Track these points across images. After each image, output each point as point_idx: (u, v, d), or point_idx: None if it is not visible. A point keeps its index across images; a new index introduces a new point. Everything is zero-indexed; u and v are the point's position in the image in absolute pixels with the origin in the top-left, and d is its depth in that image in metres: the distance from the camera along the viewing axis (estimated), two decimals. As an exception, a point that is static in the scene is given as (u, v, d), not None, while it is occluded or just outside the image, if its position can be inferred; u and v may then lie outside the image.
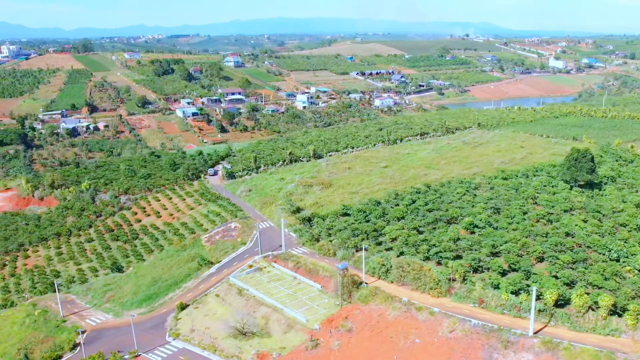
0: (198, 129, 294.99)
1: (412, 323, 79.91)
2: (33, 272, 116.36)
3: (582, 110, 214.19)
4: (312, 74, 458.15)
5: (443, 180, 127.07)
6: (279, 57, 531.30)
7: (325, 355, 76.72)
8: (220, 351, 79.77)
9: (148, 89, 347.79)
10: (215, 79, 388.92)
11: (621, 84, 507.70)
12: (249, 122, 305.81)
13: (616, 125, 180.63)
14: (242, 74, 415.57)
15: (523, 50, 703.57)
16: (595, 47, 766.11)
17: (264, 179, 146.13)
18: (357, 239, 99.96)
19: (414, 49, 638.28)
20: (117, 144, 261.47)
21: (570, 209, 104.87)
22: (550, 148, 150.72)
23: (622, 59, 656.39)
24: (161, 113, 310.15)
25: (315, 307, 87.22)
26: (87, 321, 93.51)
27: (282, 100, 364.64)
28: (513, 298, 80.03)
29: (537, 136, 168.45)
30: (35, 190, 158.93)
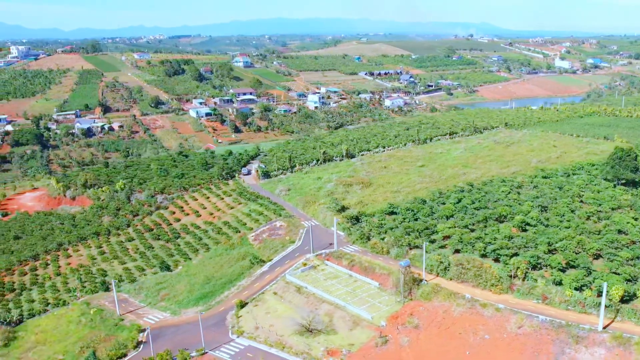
0: (212, 129, 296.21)
1: (478, 319, 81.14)
2: (79, 271, 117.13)
3: (607, 110, 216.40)
4: (321, 74, 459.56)
5: (483, 179, 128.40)
6: (287, 57, 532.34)
7: (396, 352, 77.88)
8: (289, 348, 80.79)
9: (160, 89, 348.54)
10: (225, 79, 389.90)
11: (628, 84, 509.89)
12: (262, 123, 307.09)
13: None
14: (251, 74, 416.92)
15: (528, 51, 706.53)
16: (599, 47, 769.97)
17: (300, 178, 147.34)
18: (411, 237, 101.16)
19: (420, 49, 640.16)
20: (132, 144, 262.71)
21: (617, 207, 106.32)
22: (583, 147, 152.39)
23: (627, 59, 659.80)
24: (174, 113, 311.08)
25: (377, 304, 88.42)
26: (145, 319, 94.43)
27: (293, 100, 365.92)
28: (577, 294, 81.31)
29: (566, 135, 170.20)
30: (67, 190, 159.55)
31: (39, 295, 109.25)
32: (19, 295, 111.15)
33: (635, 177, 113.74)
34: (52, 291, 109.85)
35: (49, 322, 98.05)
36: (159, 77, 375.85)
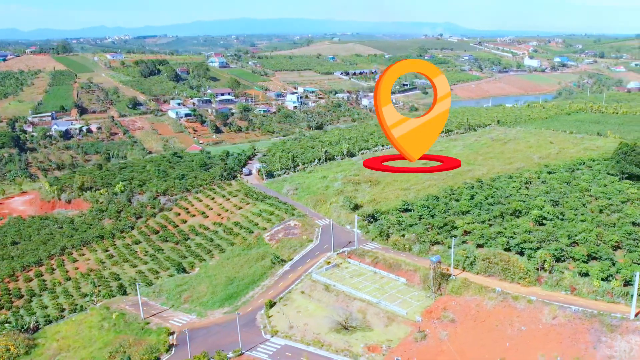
0: (192, 130, 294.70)
1: (512, 312, 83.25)
2: (90, 275, 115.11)
3: (592, 107, 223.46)
4: (297, 74, 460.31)
5: (489, 175, 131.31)
6: (261, 57, 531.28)
7: (437, 346, 79.35)
8: (328, 346, 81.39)
9: (136, 90, 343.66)
10: (202, 80, 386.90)
11: (595, 82, 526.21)
12: (243, 123, 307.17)
13: (632, 121, 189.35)
14: (228, 75, 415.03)
15: (497, 50, 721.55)
16: (565, 46, 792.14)
17: (305, 178, 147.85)
18: (432, 233, 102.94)
19: (392, 48, 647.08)
20: (112, 146, 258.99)
21: (627, 200, 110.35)
22: (579, 144, 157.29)
23: (592, 57, 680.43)
24: (153, 114, 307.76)
25: (408, 300, 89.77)
26: (172, 322, 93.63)
27: (271, 100, 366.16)
28: (604, 284, 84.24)
29: (560, 132, 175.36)
30: (61, 194, 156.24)
31: (51, 301, 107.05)
32: (29, 302, 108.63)
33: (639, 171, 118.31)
34: (65, 296, 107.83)
35: (69, 328, 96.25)
36: (135, 77, 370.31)
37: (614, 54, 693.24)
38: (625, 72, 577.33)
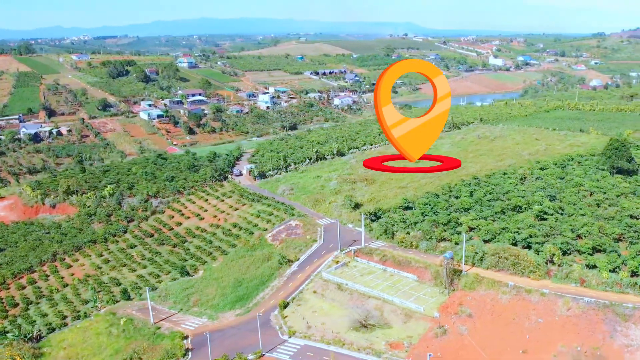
0: (165, 131, 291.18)
1: (527, 305, 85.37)
2: (88, 281, 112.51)
3: (570, 104, 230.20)
4: (267, 74, 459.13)
5: (483, 172, 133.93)
6: (230, 57, 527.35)
7: (458, 340, 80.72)
8: (350, 344, 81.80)
9: (105, 92, 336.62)
10: (172, 81, 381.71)
11: (558, 80, 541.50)
12: (216, 124, 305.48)
13: (609, 118, 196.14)
14: (198, 75, 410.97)
15: (462, 49, 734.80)
16: (527, 45, 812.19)
17: (298, 178, 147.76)
18: (439, 230, 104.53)
19: (359, 48, 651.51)
20: (84, 149, 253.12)
21: (621, 194, 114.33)
22: (564, 140, 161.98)
23: (553, 56, 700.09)
24: (124, 116, 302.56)
25: (422, 296, 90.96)
26: (184, 326, 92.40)
27: (243, 100, 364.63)
28: (613, 276, 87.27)
29: (543, 129, 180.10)
30: (45, 198, 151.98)
31: (50, 308, 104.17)
32: (26, 310, 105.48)
33: (630, 166, 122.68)
34: (65, 303, 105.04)
35: (74, 336, 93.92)
36: (103, 79, 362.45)
37: (574, 53, 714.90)
38: (586, 70, 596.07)
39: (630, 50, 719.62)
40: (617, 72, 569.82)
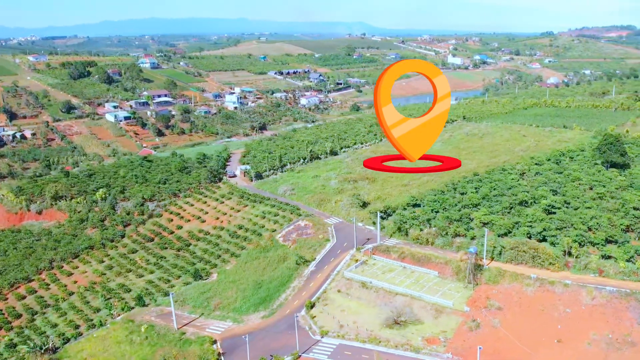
0: (134, 133, 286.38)
1: (552, 296, 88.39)
2: (94, 288, 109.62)
3: (546, 102, 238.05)
4: (231, 74, 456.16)
5: (481, 169, 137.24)
6: (192, 57, 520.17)
7: (492, 333, 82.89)
8: (386, 341, 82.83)
9: (67, 94, 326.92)
10: (136, 82, 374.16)
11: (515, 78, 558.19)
12: (185, 125, 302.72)
13: (587, 114, 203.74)
14: (161, 76, 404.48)
15: (420, 48, 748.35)
16: (482, 44, 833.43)
17: (297, 178, 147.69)
18: (455, 226, 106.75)
19: (320, 48, 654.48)
20: (51, 153, 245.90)
21: (619, 187, 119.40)
22: (551, 136, 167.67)
23: (509, 55, 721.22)
24: (90, 118, 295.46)
25: (447, 291, 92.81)
26: (209, 330, 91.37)
27: (210, 101, 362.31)
28: (630, 265, 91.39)
29: (527, 126, 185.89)
30: (30, 204, 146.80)
31: (59, 318, 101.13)
32: (32, 321, 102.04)
33: (624, 160, 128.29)
34: (75, 312, 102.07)
35: (93, 346, 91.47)
36: (64, 80, 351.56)
37: (528, 52, 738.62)
38: (541, 69, 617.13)
39: (580, 48, 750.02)
40: (570, 70, 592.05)
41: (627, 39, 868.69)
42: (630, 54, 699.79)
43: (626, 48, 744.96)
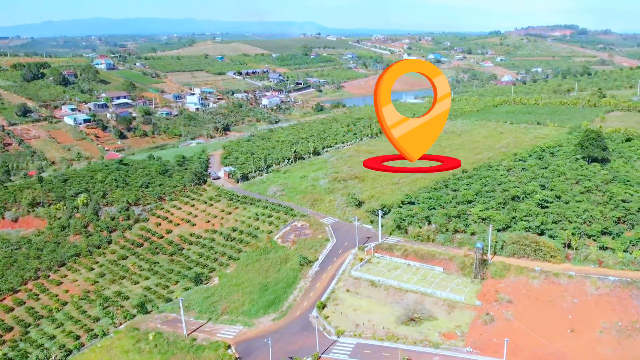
0: (95, 136, 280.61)
1: (558, 288, 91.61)
2: (89, 297, 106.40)
3: (515, 99, 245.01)
4: (189, 75, 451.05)
5: (467, 166, 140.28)
6: (148, 58, 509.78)
7: (507, 326, 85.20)
8: (404, 338, 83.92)
9: (22, 96, 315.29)
10: (93, 83, 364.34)
11: (470, 76, 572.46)
12: (147, 127, 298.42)
13: (557, 111, 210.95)
14: (118, 77, 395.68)
15: (375, 48, 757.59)
16: (435, 43, 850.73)
17: (284, 178, 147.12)
18: (454, 222, 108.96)
19: (277, 48, 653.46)
20: (9, 158, 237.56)
21: (604, 181, 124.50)
22: (528, 133, 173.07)
23: (461, 54, 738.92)
24: (48, 122, 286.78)
25: (455, 287, 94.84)
26: (221, 335, 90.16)
27: (170, 102, 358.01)
28: (627, 255, 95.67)
29: (501, 123, 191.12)
30: (5, 212, 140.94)
31: (56, 329, 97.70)
32: (26, 334, 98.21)
33: (605, 155, 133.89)
34: (73, 322, 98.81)
35: (98, 356, 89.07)
36: (17, 82, 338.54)
37: (480, 50, 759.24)
38: (494, 67, 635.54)
39: (530, 47, 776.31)
40: (522, 68, 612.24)
41: (571, 38, 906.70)
42: (577, 52, 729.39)
43: (572, 47, 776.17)
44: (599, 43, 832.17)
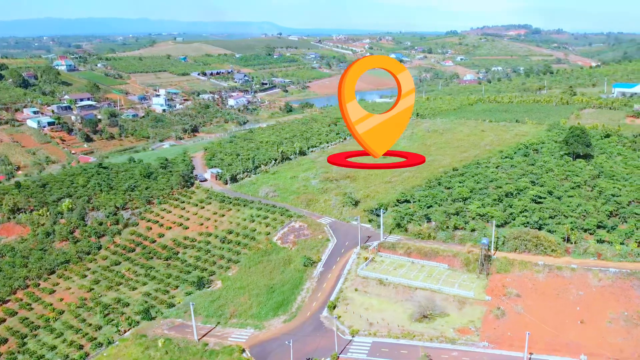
0: (60, 139, 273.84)
1: (562, 281, 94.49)
2: (86, 304, 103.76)
3: (489, 98, 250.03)
4: (153, 76, 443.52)
5: (456, 164, 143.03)
6: (109, 59, 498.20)
7: (519, 319, 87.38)
8: (420, 335, 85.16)
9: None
10: (55, 85, 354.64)
11: (432, 75, 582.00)
12: (113, 129, 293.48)
13: (532, 109, 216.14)
14: (80, 79, 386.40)
15: (337, 47, 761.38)
16: (396, 43, 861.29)
17: (273, 179, 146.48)
18: (454, 219, 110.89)
19: (239, 48, 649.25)
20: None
21: (591, 176, 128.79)
22: (508, 131, 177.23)
23: (422, 53, 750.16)
24: (9, 125, 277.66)
25: (462, 283, 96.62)
26: (232, 339, 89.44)
27: (136, 104, 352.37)
28: (624, 247, 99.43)
29: (480, 121, 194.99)
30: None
31: (56, 339, 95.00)
32: (23, 345, 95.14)
33: (589, 151, 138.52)
34: (74, 332, 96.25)
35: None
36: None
37: (440, 50, 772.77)
38: (454, 66, 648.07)
39: (488, 47, 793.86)
40: (482, 67, 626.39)
41: (525, 37, 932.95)
42: (533, 51, 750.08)
43: (528, 46, 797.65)
44: (552, 42, 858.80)
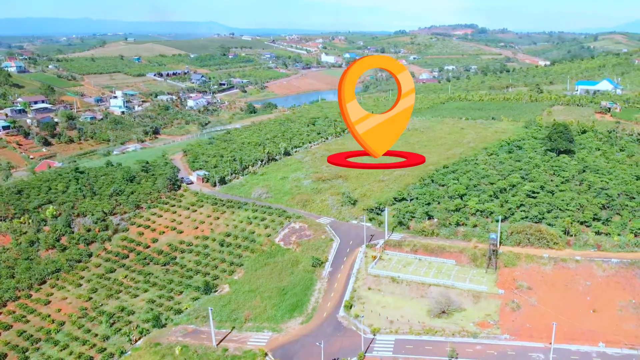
0: (17, 144, 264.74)
1: (569, 272, 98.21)
2: (87, 314, 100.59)
3: (460, 96, 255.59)
4: (108, 77, 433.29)
5: (444, 161, 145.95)
6: (60, 60, 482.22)
7: (535, 311, 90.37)
8: (442, 331, 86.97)
9: None
10: (6, 87, 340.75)
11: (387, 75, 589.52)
12: (72, 133, 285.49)
13: (505, 106, 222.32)
14: (32, 81, 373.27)
15: (291, 47, 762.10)
16: (348, 42, 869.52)
17: (263, 180, 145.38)
18: (456, 215, 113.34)
19: (193, 48, 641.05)
20: None
21: (578, 171, 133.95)
22: (486, 128, 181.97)
23: (375, 52, 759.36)
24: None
25: (472, 278, 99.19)
26: (251, 343, 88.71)
27: (92, 106, 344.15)
28: (622, 238, 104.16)
29: (457, 119, 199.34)
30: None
31: (62, 351, 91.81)
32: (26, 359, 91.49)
33: (572, 146, 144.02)
34: (80, 343, 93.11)
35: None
36: None
37: (393, 49, 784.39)
38: (408, 65, 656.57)
39: (439, 46, 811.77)
40: (435, 66, 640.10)
41: (472, 37, 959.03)
42: (483, 50, 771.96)
43: (478, 45, 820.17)
44: (499, 42, 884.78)
